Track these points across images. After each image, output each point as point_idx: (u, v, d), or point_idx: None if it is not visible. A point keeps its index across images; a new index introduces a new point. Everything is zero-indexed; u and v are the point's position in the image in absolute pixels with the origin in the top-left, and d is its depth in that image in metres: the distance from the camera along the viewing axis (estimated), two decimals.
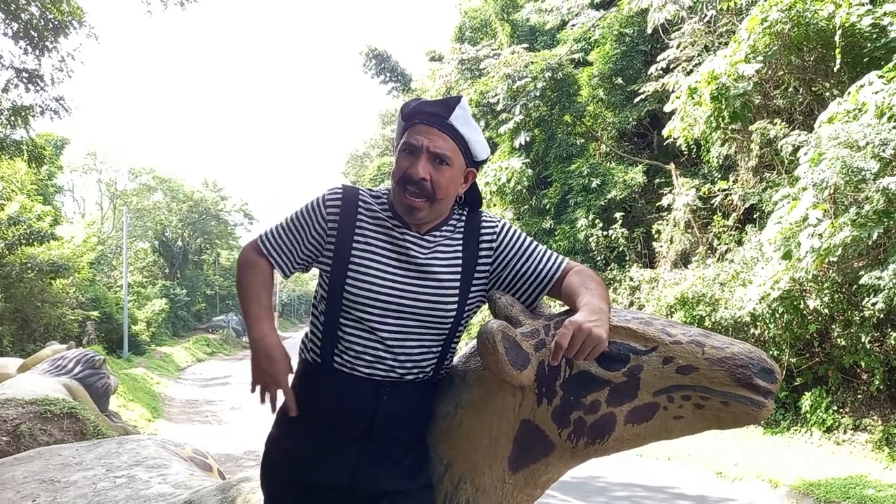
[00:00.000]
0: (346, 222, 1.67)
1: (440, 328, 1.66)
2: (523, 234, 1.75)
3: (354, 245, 1.65)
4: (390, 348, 1.63)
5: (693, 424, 1.49)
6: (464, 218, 1.74)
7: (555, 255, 1.74)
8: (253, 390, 1.70)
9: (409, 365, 1.65)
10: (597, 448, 1.52)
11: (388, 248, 1.65)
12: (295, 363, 1.76)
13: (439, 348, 1.69)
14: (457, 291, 1.66)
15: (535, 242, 1.75)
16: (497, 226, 1.73)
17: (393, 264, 1.64)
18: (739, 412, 1.43)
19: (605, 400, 1.49)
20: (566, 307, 1.66)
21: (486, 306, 1.76)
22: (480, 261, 1.70)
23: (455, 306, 1.66)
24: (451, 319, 1.67)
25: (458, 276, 1.67)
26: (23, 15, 8.02)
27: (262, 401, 1.68)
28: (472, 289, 1.70)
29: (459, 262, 1.68)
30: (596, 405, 1.49)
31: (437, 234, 1.68)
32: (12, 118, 8.31)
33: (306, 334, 1.75)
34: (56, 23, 8.20)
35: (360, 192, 1.73)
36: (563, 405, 1.51)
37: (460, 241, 1.70)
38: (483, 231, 1.72)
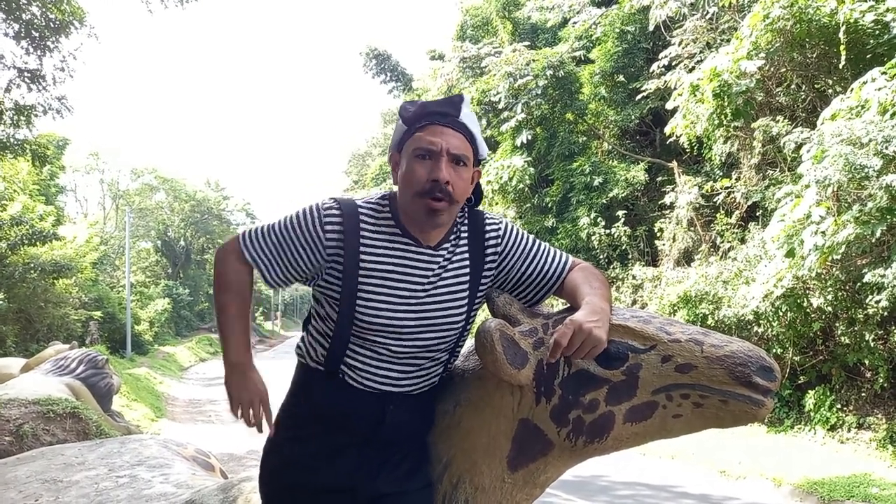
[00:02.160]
0: (351, 244, 1.57)
1: (449, 340, 1.65)
2: (527, 235, 1.73)
3: (362, 269, 1.56)
4: (402, 367, 1.61)
5: (692, 423, 1.48)
6: (466, 221, 1.68)
7: (559, 253, 1.72)
8: (235, 411, 1.66)
9: (419, 379, 1.65)
10: (596, 447, 1.51)
11: (398, 269, 1.58)
12: (292, 364, 1.76)
13: (447, 356, 1.69)
14: (465, 303, 1.64)
15: (538, 242, 1.73)
16: (501, 228, 1.69)
17: (404, 287, 1.57)
18: (739, 411, 1.42)
19: (604, 399, 1.48)
20: (567, 305, 1.66)
21: (484, 305, 1.76)
22: (486, 266, 1.67)
23: (464, 317, 1.65)
24: (460, 329, 1.66)
25: (467, 287, 1.64)
26: (24, 15, 8.05)
27: (248, 422, 1.65)
28: (479, 295, 1.68)
29: (467, 271, 1.64)
30: (594, 404, 1.48)
31: (447, 245, 1.63)
32: (15, 118, 8.34)
33: (304, 339, 1.71)
34: (57, 23, 8.22)
35: (360, 207, 1.62)
36: (561, 404, 1.51)
37: (466, 249, 1.65)
38: (488, 235, 1.68)
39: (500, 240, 1.67)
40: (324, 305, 1.63)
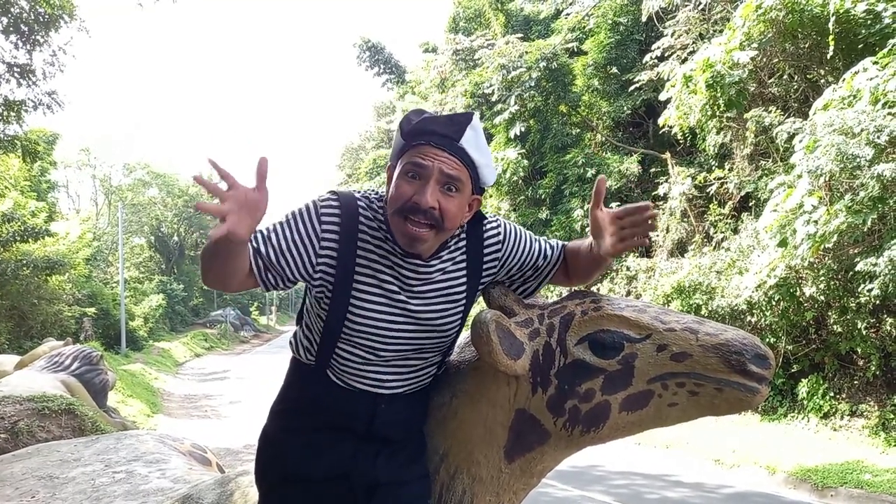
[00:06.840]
0: (347, 243, 1.51)
1: (442, 344, 1.64)
2: (522, 231, 1.71)
3: (357, 270, 1.52)
4: (392, 368, 1.60)
5: (688, 411, 1.48)
6: (464, 235, 1.62)
7: (553, 241, 1.74)
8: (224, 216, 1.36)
9: (410, 380, 1.64)
10: (592, 436, 1.52)
11: (391, 274, 1.53)
12: (286, 359, 1.75)
13: (440, 358, 1.68)
14: (461, 310, 1.63)
15: (532, 235, 1.73)
16: (500, 233, 1.65)
17: (397, 294, 1.54)
18: (734, 398, 1.43)
19: (600, 388, 1.48)
20: (563, 296, 1.66)
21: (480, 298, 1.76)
22: (486, 272, 1.65)
23: (458, 323, 1.64)
24: (455, 333, 1.65)
25: (463, 296, 1.62)
26: (12, 9, 7.97)
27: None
28: (475, 299, 1.67)
29: (464, 281, 1.62)
30: (590, 394, 1.49)
31: (443, 253, 1.58)
32: (5, 113, 8.27)
33: (296, 334, 1.70)
34: (46, 17, 8.14)
35: (360, 204, 1.55)
36: (557, 394, 1.51)
37: (464, 260, 1.61)
38: (487, 244, 1.63)
39: (500, 246, 1.65)
40: (315, 304, 1.60)
